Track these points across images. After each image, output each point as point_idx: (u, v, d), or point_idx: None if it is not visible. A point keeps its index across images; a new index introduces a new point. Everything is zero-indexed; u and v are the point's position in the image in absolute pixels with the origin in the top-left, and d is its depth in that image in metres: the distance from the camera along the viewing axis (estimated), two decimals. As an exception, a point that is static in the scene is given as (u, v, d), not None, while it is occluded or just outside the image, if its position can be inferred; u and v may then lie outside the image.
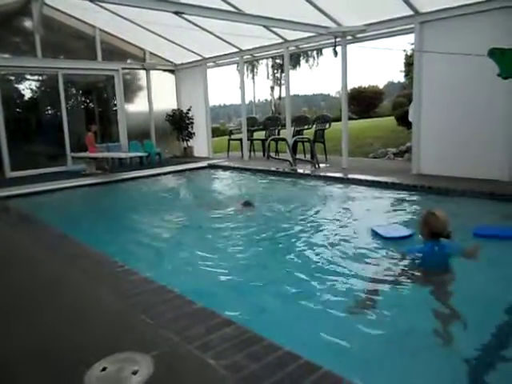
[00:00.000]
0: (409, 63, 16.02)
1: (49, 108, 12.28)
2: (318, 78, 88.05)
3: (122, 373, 2.11)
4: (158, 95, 13.57)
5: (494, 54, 5.16)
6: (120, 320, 2.79)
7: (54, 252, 4.33)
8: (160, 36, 11.46)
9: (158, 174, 10.24)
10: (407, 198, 6.77)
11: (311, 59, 36.92)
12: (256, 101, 44.43)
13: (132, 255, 4.61)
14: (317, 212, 6.32)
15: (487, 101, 7.09)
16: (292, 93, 11.79)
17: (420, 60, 7.98)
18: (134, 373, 2.10)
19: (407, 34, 8.68)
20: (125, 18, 10.50)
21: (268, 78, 37.67)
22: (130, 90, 13.35)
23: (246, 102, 13.25)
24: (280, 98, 35.35)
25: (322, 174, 8.96)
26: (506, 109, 6.89)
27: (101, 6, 9.63)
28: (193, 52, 12.45)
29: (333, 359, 2.42)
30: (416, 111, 8.16)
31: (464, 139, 7.45)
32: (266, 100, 45.68)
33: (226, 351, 2.30)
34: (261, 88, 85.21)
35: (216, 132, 22.04)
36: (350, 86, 28.30)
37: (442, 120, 7.81)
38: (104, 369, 2.14)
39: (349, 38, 9.17)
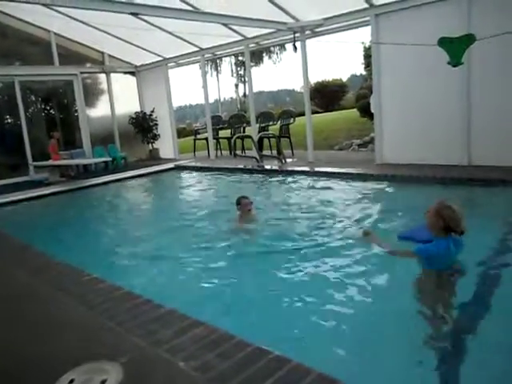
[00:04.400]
0: (368, 55, 16.29)
1: (7, 117, 11.90)
2: (282, 74, 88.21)
3: (90, 383, 2.08)
4: (120, 98, 13.35)
5: (443, 43, 5.35)
6: (88, 329, 2.75)
7: (17, 264, 4.22)
8: (118, 38, 11.25)
9: (124, 179, 10.08)
10: (372, 187, 6.93)
11: (274, 55, 37.06)
12: (221, 99, 44.20)
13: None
14: (284, 206, 6.38)
15: (444, 89, 7.30)
16: (257, 89, 11.89)
17: (377, 52, 8.14)
18: (103, 382, 2.08)
19: (364, 26, 8.81)
20: (80, 21, 10.24)
21: (232, 75, 37.60)
22: (91, 95, 13.08)
23: (212, 100, 13.23)
24: (245, 95, 35.34)
25: (289, 168, 9.03)
26: (463, 96, 7.12)
27: (55, 10, 9.39)
28: (153, 53, 12.30)
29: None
30: (376, 102, 8.33)
31: (424, 127, 7.65)
32: (231, 98, 45.51)
33: (195, 352, 2.30)
34: (226, 86, 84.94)
35: (182, 133, 21.85)
36: (313, 80, 28.54)
37: (402, 109, 8.00)
38: (72, 381, 2.11)
39: (307, 32, 9.26)
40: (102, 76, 13.09)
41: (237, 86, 37.72)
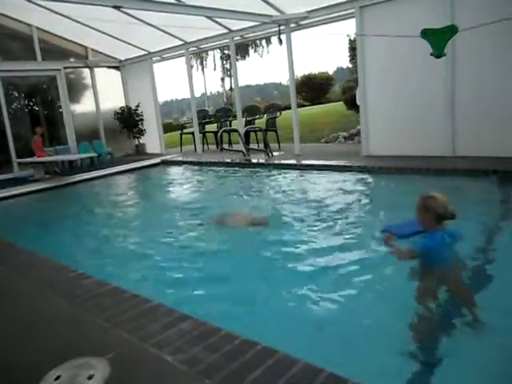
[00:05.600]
0: (353, 48, 16.32)
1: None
2: (269, 67, 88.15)
3: (76, 379, 2.07)
4: (105, 93, 13.19)
5: (427, 34, 5.38)
6: (74, 325, 2.73)
7: (1, 262, 4.16)
8: (102, 32, 11.09)
9: (110, 175, 10.01)
10: (358, 179, 6.98)
11: (260, 48, 36.94)
12: (208, 93, 44.08)
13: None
14: (270, 198, 6.39)
15: (430, 81, 7.34)
16: (244, 83, 11.90)
17: (362, 44, 8.15)
18: (90, 378, 2.07)
19: (349, 18, 8.81)
20: (63, 15, 10.09)
21: (215, 69, 37.42)
22: (76, 90, 12.90)
23: (198, 94, 13.13)
24: (231, 88, 35.21)
25: (275, 162, 9.03)
26: (447, 88, 7.17)
27: (36, 4, 9.24)
28: (137, 47, 12.17)
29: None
30: (362, 94, 8.36)
31: (410, 119, 7.70)
32: (218, 92, 45.38)
33: (183, 346, 2.30)
34: (212, 80, 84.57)
35: (169, 127, 21.71)
36: (300, 73, 28.58)
37: (387, 101, 8.03)
38: (58, 377, 2.09)
39: (292, 25, 9.23)
40: (86, 71, 12.91)
41: (223, 79, 37.60)
